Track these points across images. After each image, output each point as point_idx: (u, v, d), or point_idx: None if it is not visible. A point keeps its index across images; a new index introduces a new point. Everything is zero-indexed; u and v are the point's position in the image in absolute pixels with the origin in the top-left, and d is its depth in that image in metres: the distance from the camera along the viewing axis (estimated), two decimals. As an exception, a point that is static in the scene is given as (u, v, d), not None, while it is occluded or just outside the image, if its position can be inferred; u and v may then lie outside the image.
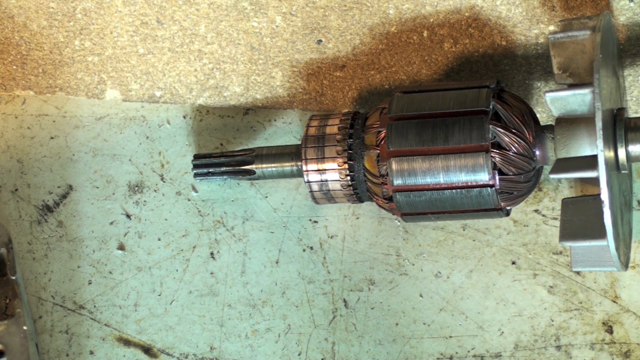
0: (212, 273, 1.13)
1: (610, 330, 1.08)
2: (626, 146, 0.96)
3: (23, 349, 1.08)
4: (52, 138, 1.16)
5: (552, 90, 0.94)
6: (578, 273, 1.09)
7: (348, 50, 1.12)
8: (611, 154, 0.94)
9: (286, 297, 1.11)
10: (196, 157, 1.11)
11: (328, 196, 1.05)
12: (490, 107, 0.99)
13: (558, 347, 1.08)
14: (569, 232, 0.97)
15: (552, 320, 1.08)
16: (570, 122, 0.97)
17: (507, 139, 0.98)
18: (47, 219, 1.14)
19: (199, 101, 1.15)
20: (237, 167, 1.09)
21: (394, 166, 1.00)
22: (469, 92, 1.00)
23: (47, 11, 1.15)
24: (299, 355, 1.11)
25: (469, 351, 1.09)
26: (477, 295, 1.09)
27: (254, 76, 1.14)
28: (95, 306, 1.13)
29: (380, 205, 1.04)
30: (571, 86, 0.95)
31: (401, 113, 1.01)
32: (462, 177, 0.99)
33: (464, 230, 1.10)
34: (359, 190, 1.04)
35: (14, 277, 1.10)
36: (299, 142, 1.12)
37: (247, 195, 1.13)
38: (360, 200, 1.05)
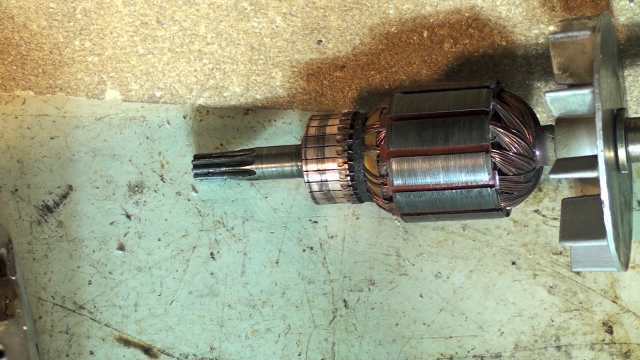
0: (212, 273, 1.12)
1: (610, 331, 1.08)
2: (626, 146, 0.96)
3: (23, 349, 1.08)
4: (52, 138, 1.16)
5: (552, 91, 0.94)
6: (578, 273, 1.09)
7: (348, 50, 1.12)
8: (611, 154, 0.94)
9: (286, 298, 1.11)
10: (196, 157, 1.11)
11: (328, 196, 1.05)
12: (490, 107, 0.99)
13: (558, 348, 1.08)
14: (569, 232, 0.97)
15: (552, 321, 1.08)
16: (570, 122, 0.96)
17: (507, 139, 0.98)
18: (47, 219, 1.14)
19: (199, 101, 1.15)
20: (237, 167, 1.09)
21: (394, 166, 1.00)
22: (469, 92, 1.00)
23: (47, 11, 1.15)
24: (299, 355, 1.11)
25: (469, 351, 1.09)
26: (477, 296, 1.09)
27: (254, 76, 1.14)
28: (95, 306, 1.13)
29: (380, 206, 1.04)
30: (571, 86, 0.95)
31: (401, 113, 1.01)
32: (462, 177, 0.99)
33: (464, 230, 1.10)
34: (359, 190, 1.04)
35: (14, 277, 1.10)
36: (299, 142, 1.12)
37: (247, 196, 1.13)
38: (360, 200, 1.05)
